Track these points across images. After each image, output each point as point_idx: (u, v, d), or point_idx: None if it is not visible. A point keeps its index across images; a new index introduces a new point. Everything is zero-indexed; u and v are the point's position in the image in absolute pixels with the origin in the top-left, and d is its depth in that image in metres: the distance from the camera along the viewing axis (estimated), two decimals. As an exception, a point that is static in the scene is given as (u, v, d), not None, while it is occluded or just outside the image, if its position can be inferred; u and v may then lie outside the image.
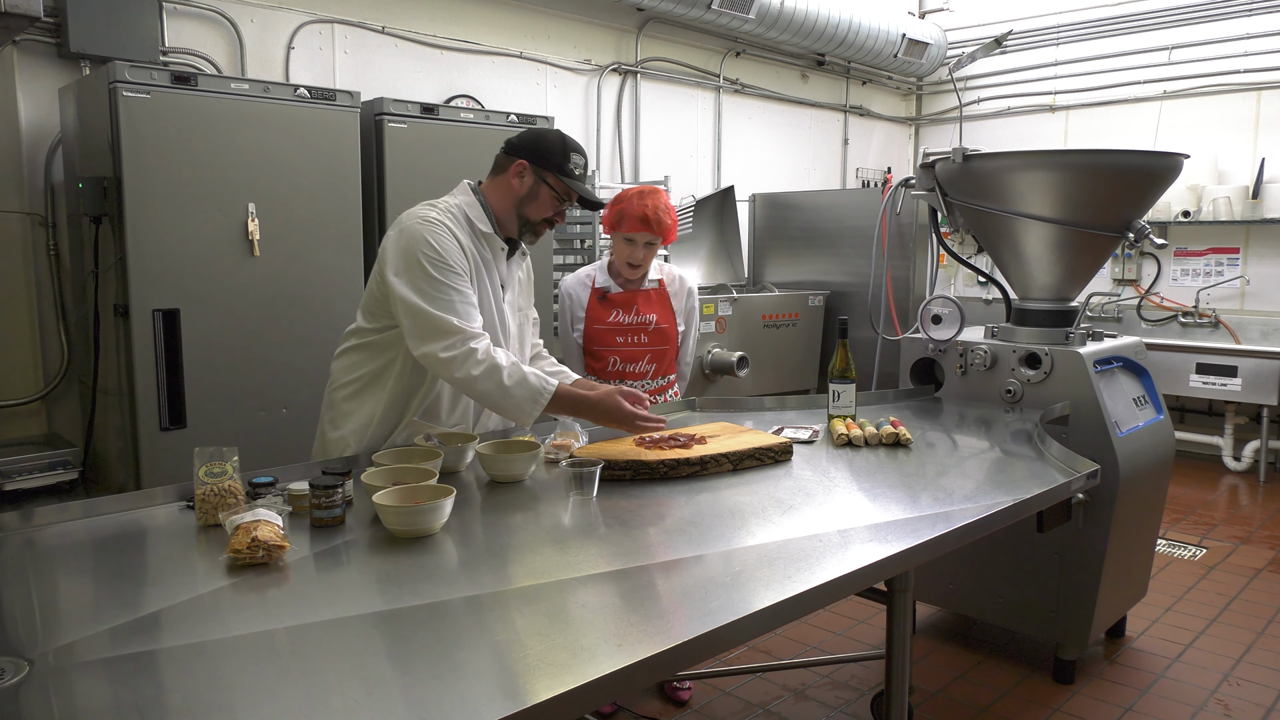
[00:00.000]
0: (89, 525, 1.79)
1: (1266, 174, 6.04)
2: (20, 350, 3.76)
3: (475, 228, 2.29)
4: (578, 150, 2.33)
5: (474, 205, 2.31)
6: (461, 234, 2.25)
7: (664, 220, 2.84)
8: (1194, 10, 6.37)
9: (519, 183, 2.30)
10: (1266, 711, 2.91)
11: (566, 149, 2.30)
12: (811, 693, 3.03)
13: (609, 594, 1.50)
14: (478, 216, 2.30)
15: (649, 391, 2.96)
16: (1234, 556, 4.35)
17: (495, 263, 2.34)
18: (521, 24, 5.30)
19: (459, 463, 2.18)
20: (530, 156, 2.29)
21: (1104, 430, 2.92)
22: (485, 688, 1.18)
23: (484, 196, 2.34)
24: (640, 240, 2.86)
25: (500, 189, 2.33)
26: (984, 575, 3.22)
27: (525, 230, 2.36)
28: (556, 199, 2.31)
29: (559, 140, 2.32)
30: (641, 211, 2.82)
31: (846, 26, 6.41)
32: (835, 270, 6.13)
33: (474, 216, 2.30)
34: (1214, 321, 6.19)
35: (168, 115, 3.18)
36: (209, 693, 1.15)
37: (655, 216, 2.82)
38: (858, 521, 1.85)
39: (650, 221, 2.82)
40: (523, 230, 2.36)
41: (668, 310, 2.99)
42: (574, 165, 2.31)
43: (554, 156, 2.29)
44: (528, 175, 2.29)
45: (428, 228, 2.19)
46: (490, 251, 2.33)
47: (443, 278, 2.16)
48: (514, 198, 2.31)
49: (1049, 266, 3.19)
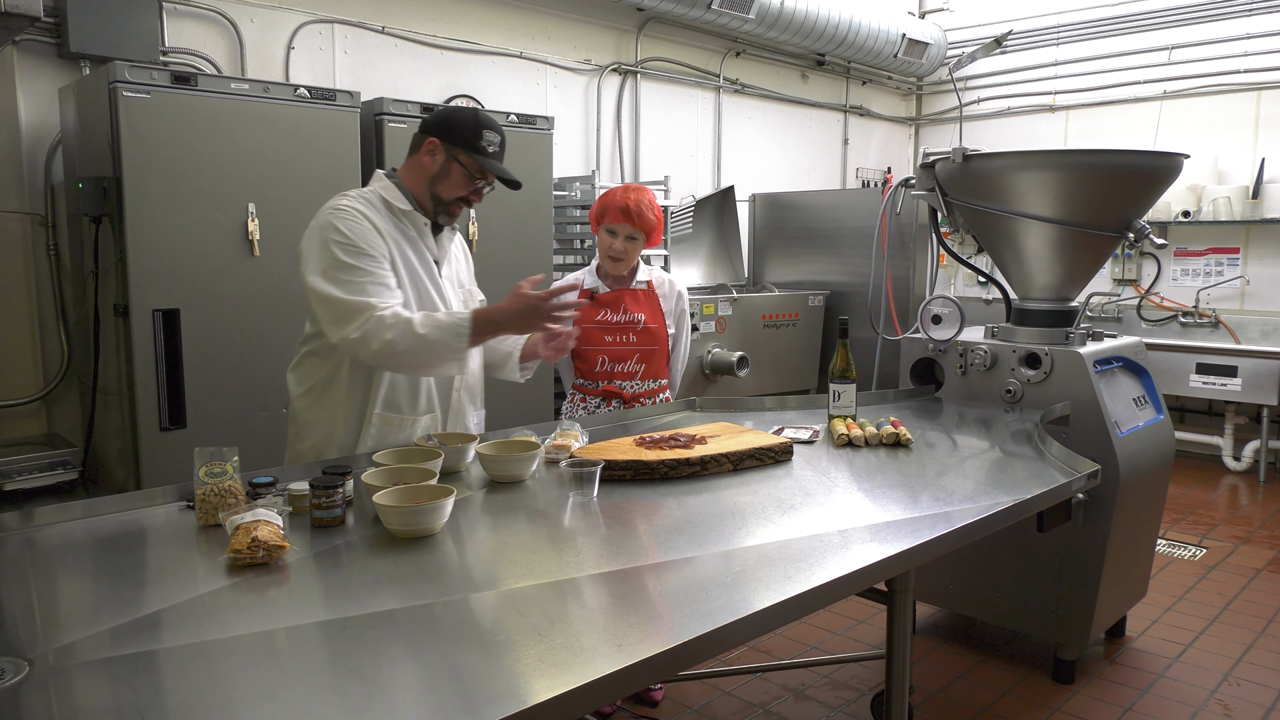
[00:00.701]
0: (89, 525, 1.79)
1: (1266, 174, 6.04)
2: (20, 350, 3.76)
3: (393, 208, 2.27)
4: (491, 127, 2.27)
5: (389, 188, 2.29)
6: (378, 216, 2.23)
7: (645, 214, 2.84)
8: (1194, 10, 6.37)
9: (430, 160, 2.26)
10: (1266, 711, 2.91)
11: (479, 125, 2.25)
12: (811, 693, 3.04)
13: (609, 594, 1.49)
14: (394, 197, 2.27)
15: (639, 394, 2.96)
16: (1234, 556, 4.35)
17: (422, 239, 2.31)
18: (521, 24, 5.30)
19: (459, 463, 2.18)
20: (441, 134, 2.25)
21: (1104, 430, 2.92)
22: (485, 688, 1.18)
23: (399, 179, 2.31)
24: (621, 232, 2.86)
25: (414, 168, 2.30)
26: (984, 575, 3.22)
27: (439, 210, 2.31)
28: (468, 177, 2.26)
29: (471, 117, 2.27)
30: (624, 203, 2.82)
31: (846, 26, 6.41)
32: (835, 270, 6.13)
33: (390, 198, 2.27)
34: (1214, 321, 6.19)
35: (168, 115, 3.18)
36: (209, 693, 1.15)
37: (636, 209, 2.82)
38: (858, 521, 1.85)
39: (631, 213, 2.82)
40: (437, 210, 2.31)
41: (656, 311, 2.99)
42: (486, 142, 2.25)
43: (465, 133, 2.23)
44: (439, 153, 2.26)
45: (337, 215, 2.18)
46: (414, 228, 2.30)
47: (353, 261, 2.14)
48: (426, 176, 2.28)
49: (1049, 266, 3.19)
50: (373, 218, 2.21)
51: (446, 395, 2.41)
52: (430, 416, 2.37)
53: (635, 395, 2.95)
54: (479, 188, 2.29)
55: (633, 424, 2.78)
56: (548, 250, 4.44)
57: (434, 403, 2.38)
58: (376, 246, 2.17)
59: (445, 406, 2.41)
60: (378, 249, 2.17)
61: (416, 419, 2.33)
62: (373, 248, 2.16)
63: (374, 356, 2.13)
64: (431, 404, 2.38)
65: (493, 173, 2.28)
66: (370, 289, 2.13)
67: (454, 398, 2.42)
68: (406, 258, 2.26)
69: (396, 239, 2.25)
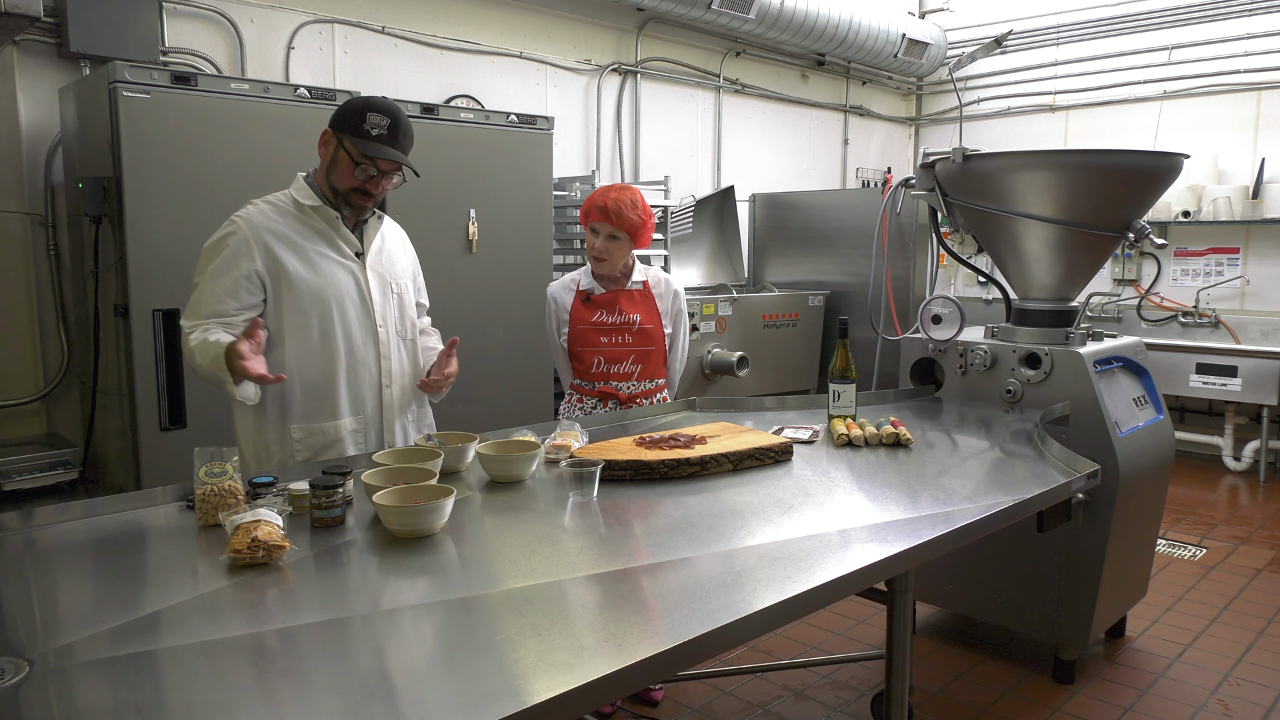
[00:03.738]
0: (89, 525, 1.79)
1: (1266, 174, 6.04)
2: (20, 350, 3.76)
3: (301, 205, 2.27)
4: (381, 110, 2.18)
5: (300, 187, 2.29)
6: (278, 219, 2.24)
7: (625, 214, 2.81)
8: (1194, 10, 6.36)
9: (325, 152, 2.25)
10: (1266, 711, 2.91)
11: (365, 109, 2.17)
12: (811, 693, 3.03)
13: (609, 594, 1.49)
14: (303, 195, 2.27)
15: (635, 394, 2.95)
16: (1234, 556, 4.35)
17: (336, 231, 2.29)
18: (521, 24, 5.30)
19: (459, 463, 2.18)
20: (332, 124, 2.22)
21: (1104, 430, 2.92)
22: (485, 688, 1.18)
23: (313, 179, 2.31)
24: (602, 231, 2.86)
25: (319, 164, 2.29)
26: (984, 575, 3.22)
27: (340, 201, 2.26)
28: (353, 163, 2.19)
29: (360, 103, 2.21)
30: (603, 202, 2.82)
31: (846, 26, 6.41)
32: (835, 270, 6.13)
33: (300, 196, 2.27)
34: (1214, 321, 6.19)
35: (168, 115, 3.18)
36: (209, 693, 1.15)
37: (615, 208, 2.81)
38: (858, 521, 1.85)
39: (609, 212, 2.81)
40: (339, 201, 2.26)
41: (652, 311, 2.98)
42: (370, 125, 2.15)
43: (349, 118, 2.17)
44: (330, 143, 2.22)
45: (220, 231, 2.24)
46: (324, 222, 2.28)
47: (197, 284, 2.21)
48: (323, 169, 2.27)
49: (1049, 266, 3.19)
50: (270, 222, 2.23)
51: (377, 395, 2.36)
52: (357, 418, 2.33)
53: (632, 396, 2.95)
54: (371, 176, 2.22)
55: (632, 424, 2.78)
56: (547, 250, 4.44)
57: (363, 404, 2.34)
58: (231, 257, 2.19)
59: (377, 407, 2.37)
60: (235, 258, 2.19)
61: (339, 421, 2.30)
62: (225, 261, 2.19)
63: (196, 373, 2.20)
64: (360, 406, 2.34)
65: (374, 156, 2.17)
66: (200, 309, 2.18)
67: (384, 396, 2.38)
68: (320, 252, 2.26)
69: (306, 235, 2.26)
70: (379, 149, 2.18)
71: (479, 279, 4.14)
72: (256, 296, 2.21)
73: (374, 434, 2.37)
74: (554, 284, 3.08)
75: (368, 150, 2.17)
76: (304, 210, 2.27)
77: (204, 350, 2.10)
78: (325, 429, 2.29)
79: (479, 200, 4.07)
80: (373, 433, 2.37)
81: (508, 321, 4.23)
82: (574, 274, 3.05)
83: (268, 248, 2.21)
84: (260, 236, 2.21)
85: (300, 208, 2.27)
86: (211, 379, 2.12)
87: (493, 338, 4.20)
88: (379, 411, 2.38)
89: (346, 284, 2.29)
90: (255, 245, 2.20)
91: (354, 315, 2.30)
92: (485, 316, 4.17)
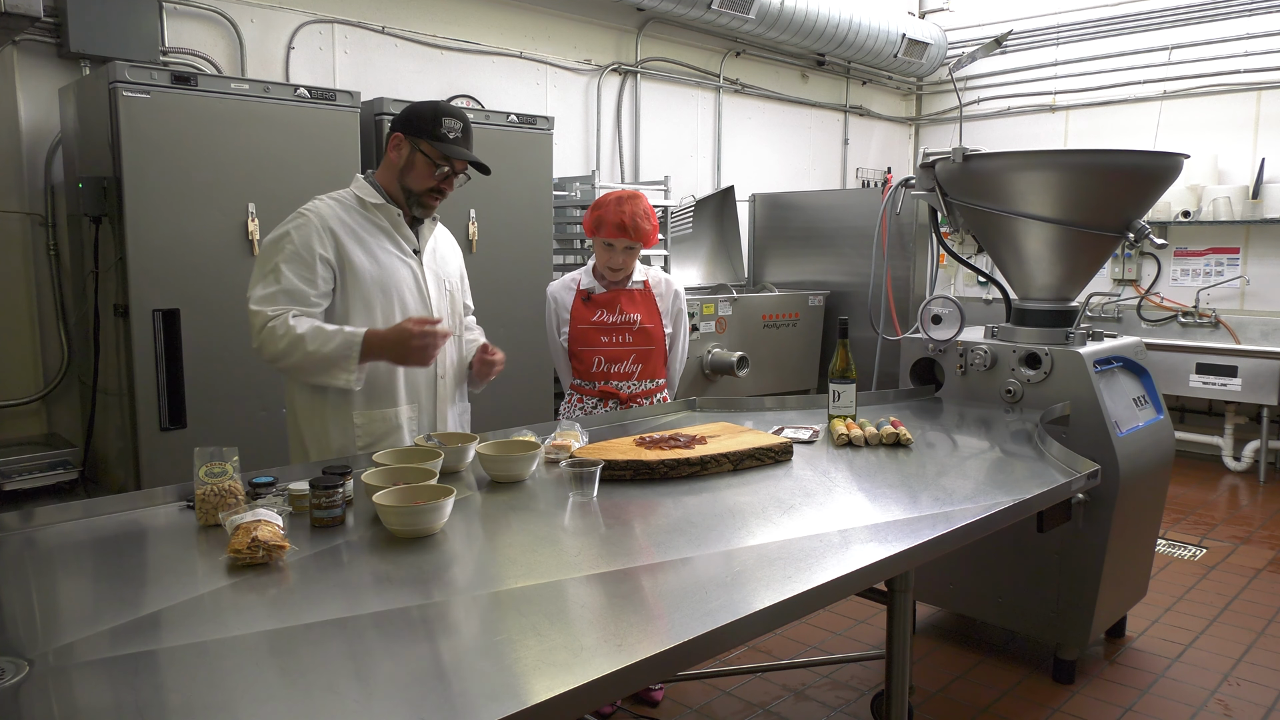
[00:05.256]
0: (89, 525, 1.79)
1: (1266, 174, 6.03)
2: (20, 350, 3.76)
3: (366, 203, 2.34)
4: (453, 114, 2.31)
5: (363, 186, 2.36)
6: (345, 213, 2.30)
7: (641, 226, 2.86)
8: (1194, 10, 6.36)
9: (397, 155, 2.33)
10: (1266, 711, 2.91)
11: (439, 114, 2.30)
12: (811, 693, 3.03)
13: (609, 594, 1.49)
14: (367, 193, 2.34)
15: (635, 394, 2.96)
16: (1234, 556, 4.35)
17: (397, 230, 2.37)
18: (521, 24, 5.30)
19: (459, 463, 2.18)
20: (403, 128, 2.31)
21: (1104, 430, 2.92)
22: (485, 688, 1.18)
23: (374, 179, 2.38)
24: (619, 245, 2.88)
25: (386, 166, 2.36)
26: (984, 575, 3.22)
27: (413, 202, 2.36)
28: (432, 165, 2.30)
29: (431, 108, 2.33)
30: (619, 219, 2.83)
31: (846, 26, 6.41)
32: (835, 270, 6.13)
33: (362, 194, 2.34)
34: (1214, 321, 6.19)
35: (168, 115, 3.18)
36: (209, 693, 1.15)
37: (633, 223, 2.83)
38: (858, 521, 1.85)
39: (627, 228, 2.84)
40: (411, 202, 2.36)
41: (653, 310, 2.99)
42: (447, 129, 2.29)
43: (425, 123, 2.29)
44: (403, 146, 2.31)
45: (289, 223, 2.26)
46: (387, 220, 2.36)
47: (271, 271, 2.22)
48: (395, 170, 2.34)
49: (1049, 266, 3.19)
50: (337, 216, 2.28)
51: (432, 385, 2.44)
52: (413, 406, 2.40)
53: (632, 395, 2.95)
54: (446, 175, 2.33)
55: (632, 424, 2.78)
56: (547, 250, 4.44)
57: (418, 392, 2.42)
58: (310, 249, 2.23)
59: (432, 396, 2.45)
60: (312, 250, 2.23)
61: (398, 409, 2.36)
62: (304, 253, 2.22)
63: (271, 364, 2.22)
64: (415, 395, 2.41)
65: (455, 157, 2.31)
66: (279, 298, 2.19)
67: (438, 386, 2.46)
68: (383, 247, 2.33)
69: (369, 231, 2.32)
70: (458, 150, 2.31)
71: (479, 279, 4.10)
72: (329, 285, 2.27)
73: (427, 421, 2.45)
74: (554, 283, 3.08)
75: (448, 152, 2.29)
76: (367, 207, 2.35)
77: (320, 337, 2.16)
78: (386, 415, 2.35)
79: (479, 200, 4.06)
80: (426, 420, 2.45)
81: (508, 321, 4.22)
82: (574, 273, 3.06)
83: (336, 238, 2.28)
84: (330, 226, 2.28)
85: (364, 205, 2.35)
86: (320, 365, 2.17)
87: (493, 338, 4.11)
88: (433, 401, 2.46)
89: (406, 278, 2.37)
90: (326, 235, 2.27)
91: (413, 307, 2.38)
92: (485, 316, 4.12)
